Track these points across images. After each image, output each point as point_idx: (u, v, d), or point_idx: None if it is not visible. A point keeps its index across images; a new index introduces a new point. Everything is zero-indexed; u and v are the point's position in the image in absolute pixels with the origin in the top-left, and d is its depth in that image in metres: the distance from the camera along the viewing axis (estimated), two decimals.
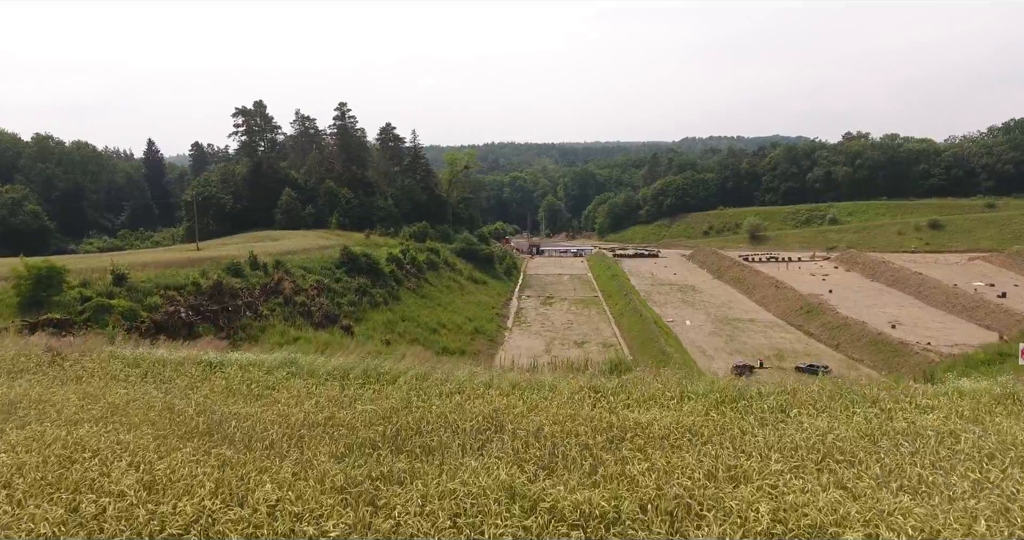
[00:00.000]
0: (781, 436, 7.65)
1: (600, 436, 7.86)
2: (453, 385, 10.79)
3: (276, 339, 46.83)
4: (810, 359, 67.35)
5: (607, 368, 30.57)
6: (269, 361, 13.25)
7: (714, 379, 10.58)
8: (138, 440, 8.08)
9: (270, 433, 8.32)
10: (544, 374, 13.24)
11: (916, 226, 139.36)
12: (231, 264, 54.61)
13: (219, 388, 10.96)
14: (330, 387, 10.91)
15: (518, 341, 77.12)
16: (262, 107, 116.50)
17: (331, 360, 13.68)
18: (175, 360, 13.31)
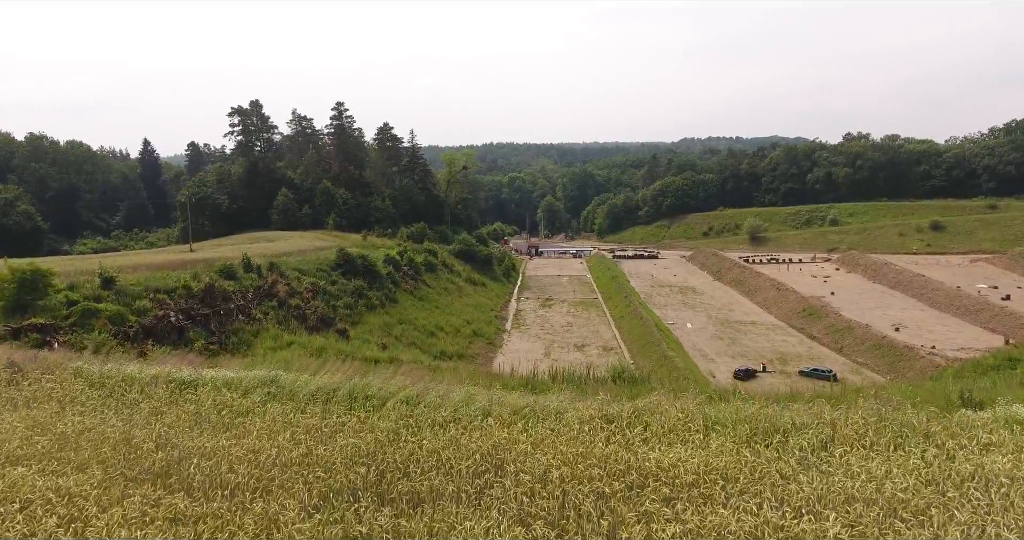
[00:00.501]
0: (830, 484, 6.54)
1: (617, 482, 6.76)
2: (447, 411, 9.68)
3: (269, 344, 45.74)
4: (814, 363, 66.32)
5: (610, 376, 29.44)
6: (248, 380, 12.12)
7: (740, 405, 9.47)
8: (81, 485, 6.96)
9: (236, 475, 7.20)
10: (549, 395, 12.13)
11: (917, 227, 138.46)
12: (224, 266, 53.39)
13: (187, 414, 9.84)
14: (311, 413, 9.79)
15: (517, 344, 76.01)
16: (258, 107, 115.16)
17: (315, 379, 12.56)
18: (145, 378, 12.19)
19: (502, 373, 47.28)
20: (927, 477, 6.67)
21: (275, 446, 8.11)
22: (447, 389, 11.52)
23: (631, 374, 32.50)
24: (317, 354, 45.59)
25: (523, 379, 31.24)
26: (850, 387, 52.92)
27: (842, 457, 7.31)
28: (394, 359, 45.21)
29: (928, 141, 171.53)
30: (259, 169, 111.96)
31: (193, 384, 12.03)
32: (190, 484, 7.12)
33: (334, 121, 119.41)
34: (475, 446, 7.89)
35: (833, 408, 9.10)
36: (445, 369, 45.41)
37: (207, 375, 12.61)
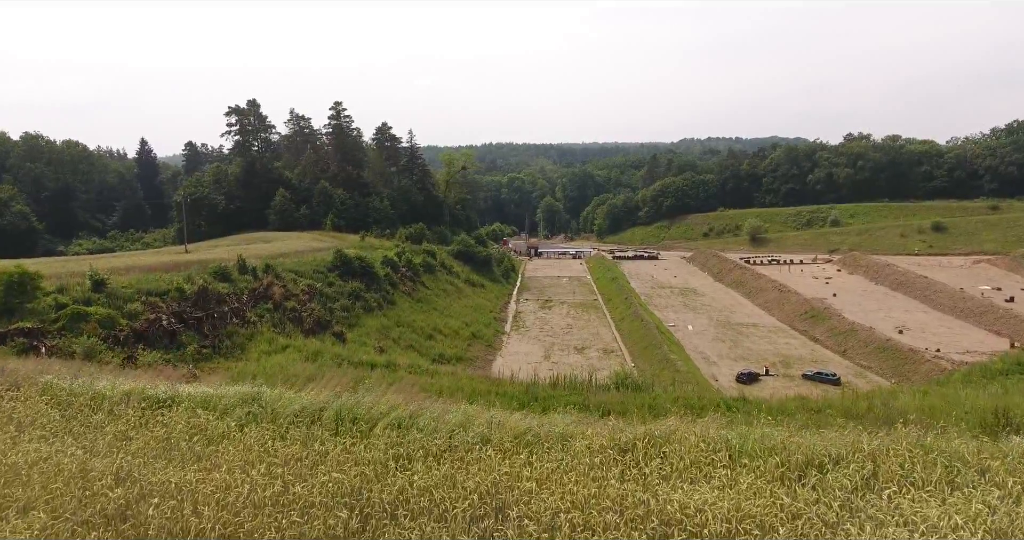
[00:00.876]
0: (883, 536, 5.64)
1: (637, 532, 5.86)
2: (442, 437, 8.76)
3: (264, 347, 44.89)
4: (817, 366, 65.44)
5: (613, 383, 28.55)
6: (227, 398, 11.19)
7: (767, 432, 8.54)
8: (20, 533, 6.06)
9: (200, 519, 6.31)
10: (553, 416, 11.23)
11: (919, 228, 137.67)
12: (218, 268, 52.45)
13: (156, 440, 8.93)
14: (292, 439, 8.88)
15: (516, 347, 75.13)
16: (256, 106, 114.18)
17: (301, 395, 11.65)
18: (116, 396, 11.26)
19: (502, 378, 46.37)
20: (997, 528, 5.76)
21: (248, 481, 7.19)
22: (442, 409, 10.59)
23: (634, 380, 31.67)
24: (312, 358, 44.77)
25: (523, 386, 30.43)
26: (857, 391, 51.84)
27: (891, 500, 6.39)
28: (391, 364, 44.37)
29: (929, 142, 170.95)
30: (256, 169, 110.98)
31: (168, 402, 11.09)
32: (146, 530, 6.20)
33: (332, 121, 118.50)
34: (473, 483, 6.98)
35: (871, 435, 8.18)
36: (443, 373, 44.63)
37: (184, 392, 11.67)
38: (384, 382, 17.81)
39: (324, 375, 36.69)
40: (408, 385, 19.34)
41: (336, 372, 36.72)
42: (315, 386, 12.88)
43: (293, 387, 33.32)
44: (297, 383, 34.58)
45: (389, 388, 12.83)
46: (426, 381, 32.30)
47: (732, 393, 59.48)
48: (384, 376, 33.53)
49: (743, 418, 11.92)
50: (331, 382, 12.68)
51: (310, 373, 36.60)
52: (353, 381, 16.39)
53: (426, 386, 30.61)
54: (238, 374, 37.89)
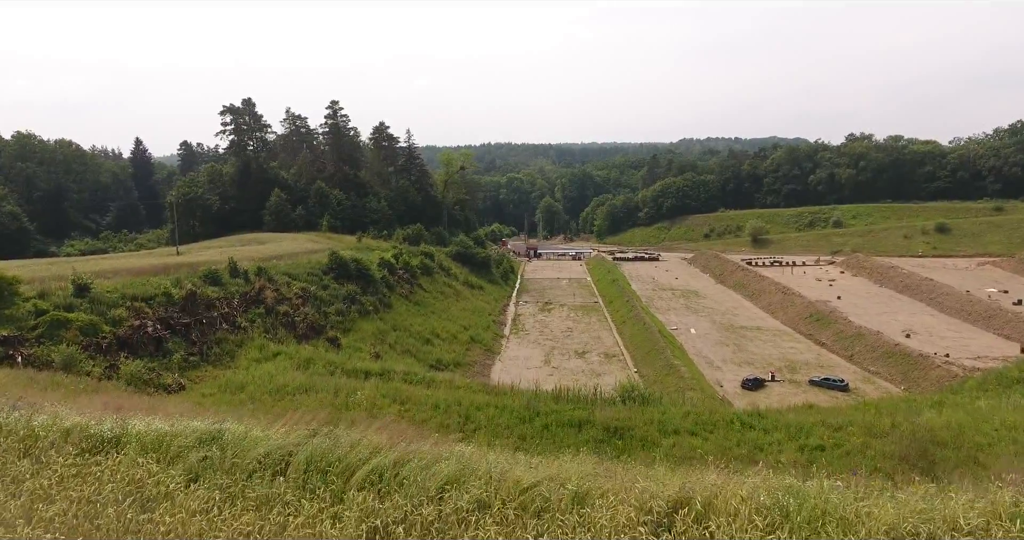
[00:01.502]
0: None
1: None
2: (430, 499, 7.14)
3: (254, 355, 43.28)
4: (824, 372, 63.93)
5: (619, 396, 26.93)
6: (183, 437, 9.50)
7: (819, 491, 6.88)
8: None
9: None
10: (565, 462, 9.60)
11: (923, 230, 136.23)
12: (208, 272, 50.78)
13: (81, 502, 7.31)
14: (247, 502, 7.27)
15: (516, 351, 73.56)
16: (251, 105, 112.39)
17: (270, 433, 9.98)
18: (54, 434, 9.60)
19: (501, 386, 44.75)
20: None
21: None
22: (432, 455, 8.95)
23: (641, 393, 30.10)
24: (305, 366, 43.15)
25: (525, 398, 28.83)
26: (873, 402, 50.40)
27: None
28: (386, 371, 42.74)
29: (932, 142, 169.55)
30: (251, 169, 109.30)
31: (112, 442, 9.42)
32: None
33: (329, 120, 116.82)
34: None
35: (944, 499, 6.56)
36: (440, 382, 42.99)
37: (133, 429, 9.98)
38: (368, 415, 16.20)
39: (315, 386, 35.20)
40: (395, 418, 17.71)
41: (328, 382, 35.16)
42: (292, 417, 11.20)
43: (280, 400, 31.59)
44: (286, 397, 32.96)
45: (373, 423, 11.14)
46: (421, 393, 30.70)
47: (738, 400, 58.07)
48: (378, 387, 32.01)
49: (774, 445, 10.29)
50: (302, 422, 11.00)
51: (300, 383, 35.06)
52: (333, 410, 14.74)
53: (422, 400, 29.04)
54: (226, 383, 36.34)
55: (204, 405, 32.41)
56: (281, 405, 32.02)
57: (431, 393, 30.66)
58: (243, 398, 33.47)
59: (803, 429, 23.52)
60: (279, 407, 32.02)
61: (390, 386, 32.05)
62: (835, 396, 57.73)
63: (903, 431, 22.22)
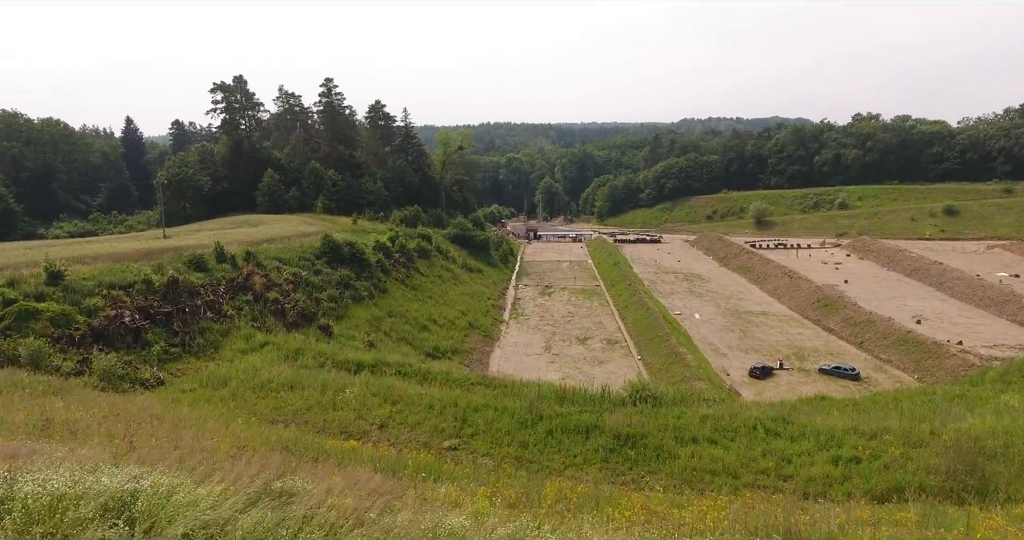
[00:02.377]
0: None
1: None
2: None
3: (240, 345, 41.02)
4: (833, 359, 61.89)
5: (628, 395, 24.60)
6: (86, 500, 7.20)
7: None
8: None
9: None
10: (580, 519, 7.35)
11: (930, 212, 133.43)
12: (193, 257, 48.36)
13: None
14: None
15: (516, 337, 71.47)
16: (242, 82, 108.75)
17: (198, 499, 7.66)
18: None
19: (501, 379, 42.58)
20: None
21: None
22: (411, 522, 6.61)
23: (652, 392, 27.89)
24: (293, 357, 40.88)
25: (527, 398, 26.58)
26: (880, 389, 48.25)
27: None
28: (379, 363, 40.57)
29: (940, 122, 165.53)
30: (243, 149, 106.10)
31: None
32: None
33: (323, 98, 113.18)
34: None
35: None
36: (435, 375, 40.77)
37: (22, 491, 7.60)
38: (334, 461, 13.85)
39: (301, 381, 32.95)
40: (366, 460, 15.37)
41: (316, 377, 32.93)
42: (237, 467, 8.90)
43: (264, 397, 29.17)
44: (270, 393, 30.57)
45: (339, 471, 8.76)
46: (415, 390, 28.49)
47: (745, 389, 56.13)
48: (368, 384, 29.78)
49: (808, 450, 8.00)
50: (252, 467, 8.68)
51: (287, 378, 32.81)
52: (288, 473, 12.43)
53: (414, 399, 26.84)
54: (208, 377, 34.09)
55: (181, 402, 30.29)
56: (264, 403, 29.89)
57: (425, 391, 28.44)
58: (224, 395, 31.27)
59: (834, 437, 21.32)
60: (262, 405, 29.89)
61: (382, 382, 29.82)
62: (846, 385, 55.77)
63: (946, 441, 19.98)
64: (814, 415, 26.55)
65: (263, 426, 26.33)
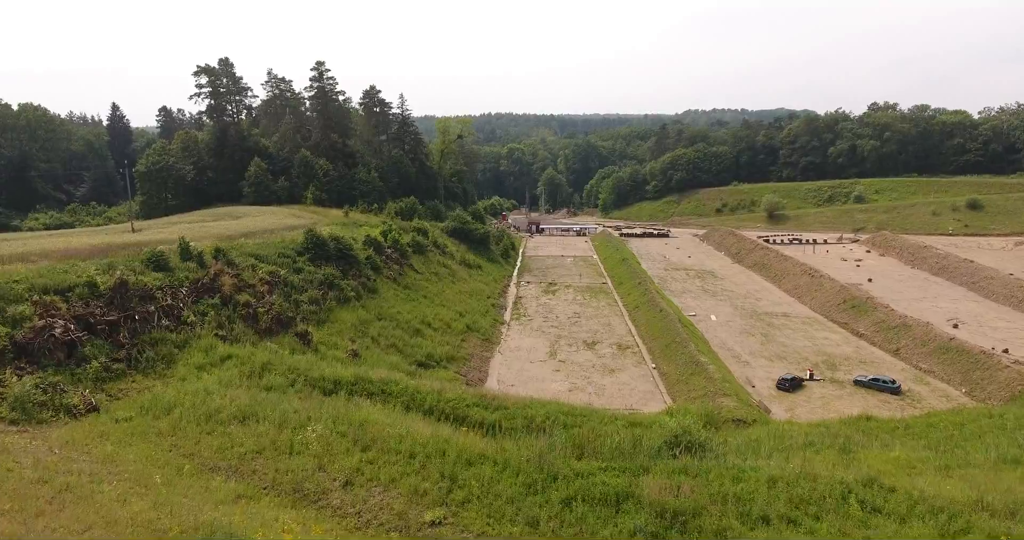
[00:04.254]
0: None
1: None
2: None
3: (198, 359, 35.16)
4: (867, 368, 56.16)
5: (664, 444, 18.53)
6: None
7: None
8: None
9: None
10: None
11: (953, 206, 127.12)
12: (152, 254, 42.52)
13: None
14: None
15: (517, 340, 65.75)
16: (228, 65, 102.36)
17: None
18: None
19: (500, 397, 36.77)
20: None
21: None
22: None
23: (696, 440, 21.90)
24: (259, 373, 35.01)
25: (535, 450, 20.75)
26: (929, 407, 42.13)
27: None
28: (360, 379, 34.80)
29: (962, 112, 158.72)
30: (229, 136, 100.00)
31: None
32: None
33: (314, 83, 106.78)
34: None
35: None
36: (425, 395, 34.96)
37: None
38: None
39: (256, 412, 27.05)
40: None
41: (276, 406, 27.09)
42: None
43: (210, 433, 22.91)
44: (218, 427, 24.46)
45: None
46: (394, 430, 22.71)
47: (775, 404, 50.40)
48: (336, 421, 23.97)
49: None
50: None
51: (240, 407, 26.83)
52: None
53: (392, 444, 21.07)
54: (150, 403, 28.12)
55: (109, 438, 24.52)
56: (209, 442, 24.00)
57: (406, 431, 22.66)
58: (164, 427, 25.41)
59: (957, 516, 15.53)
60: (205, 445, 24.04)
61: (354, 417, 24.08)
62: (887, 400, 50.07)
63: None
64: (910, 475, 20.72)
65: (199, 477, 20.62)
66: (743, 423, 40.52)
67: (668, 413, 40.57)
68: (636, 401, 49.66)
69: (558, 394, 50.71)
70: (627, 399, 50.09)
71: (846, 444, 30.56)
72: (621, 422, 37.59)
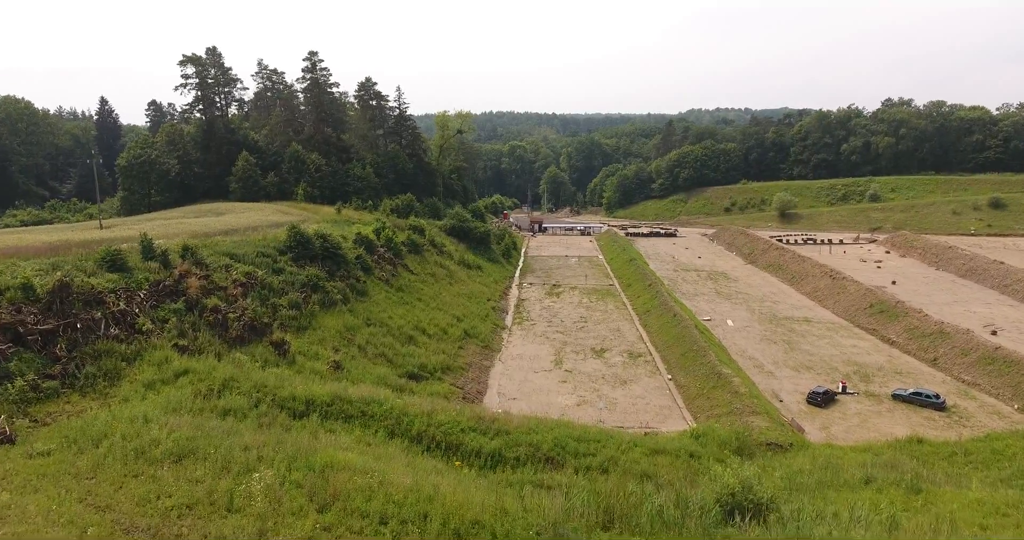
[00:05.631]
0: None
1: None
2: None
3: (149, 374, 30.18)
4: (904, 380, 51.03)
5: (716, 501, 13.44)
6: None
7: None
8: None
9: None
10: None
11: (974, 205, 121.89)
12: (108, 253, 37.58)
13: None
14: None
15: (519, 347, 60.70)
16: (217, 55, 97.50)
17: None
18: None
19: (502, 414, 31.74)
20: None
21: None
22: None
23: (761, 501, 16.87)
24: (218, 392, 29.90)
25: (550, 523, 15.54)
26: (984, 427, 36.78)
27: None
28: (337, 399, 29.94)
29: (980, 108, 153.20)
30: (216, 129, 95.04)
31: None
32: None
33: (307, 74, 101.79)
34: None
35: None
36: (413, 418, 29.95)
37: None
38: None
39: (198, 448, 21.91)
40: None
41: (222, 441, 21.97)
42: None
43: (137, 476, 17.71)
44: (148, 468, 19.36)
45: None
46: (361, 478, 17.70)
47: (807, 422, 45.28)
48: (292, 463, 18.97)
49: None
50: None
51: (179, 441, 21.34)
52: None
53: (358, 502, 15.98)
54: (79, 433, 22.75)
55: (13, 480, 19.54)
56: (132, 489, 18.87)
57: (380, 478, 17.61)
58: (84, 467, 20.29)
59: None
60: (126, 494, 18.90)
61: (315, 462, 19.09)
62: (930, 417, 44.93)
63: None
64: (1003, 525, 15.61)
65: None
66: (779, 447, 35.50)
67: (693, 435, 35.57)
68: (652, 417, 44.58)
69: (565, 409, 45.78)
70: (642, 415, 45.02)
71: (914, 481, 25.53)
72: (641, 449, 32.64)
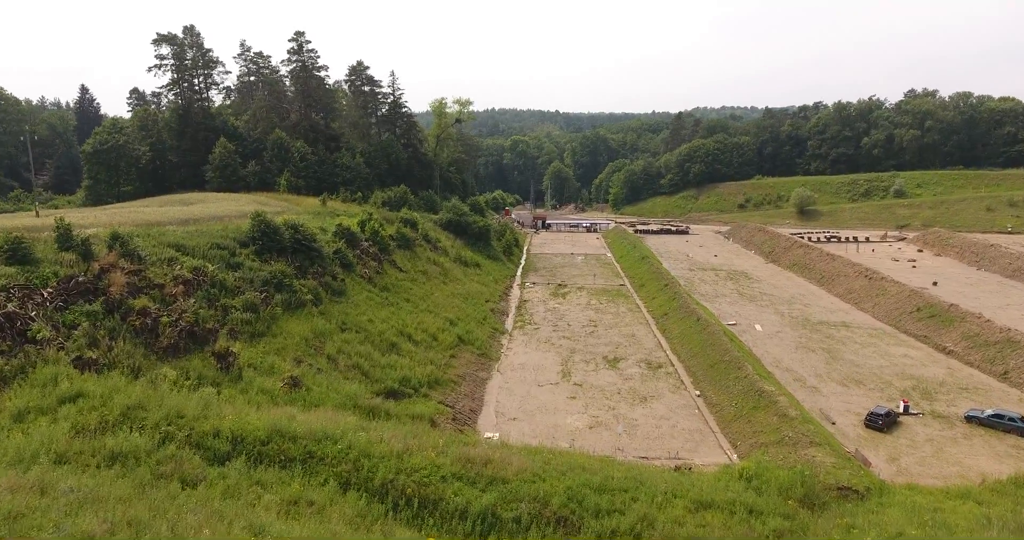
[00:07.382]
0: None
1: None
2: None
3: (26, 399, 22.66)
4: (973, 398, 43.24)
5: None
6: None
7: None
8: None
9: None
10: None
11: (1010, 201, 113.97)
12: (5, 242, 30.07)
13: None
14: None
15: (521, 356, 52.97)
16: (195, 35, 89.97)
17: None
18: None
19: (492, 459, 23.80)
20: None
21: None
22: None
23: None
24: (111, 426, 22.41)
25: None
26: None
27: None
28: (275, 435, 22.35)
29: (1012, 99, 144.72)
30: (192, 113, 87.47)
31: None
32: None
33: (293, 56, 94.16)
34: None
35: None
36: (376, 462, 22.26)
37: None
38: None
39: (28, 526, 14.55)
40: None
41: (70, 516, 14.64)
42: None
43: None
44: None
45: None
46: None
47: (869, 450, 37.51)
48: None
49: None
50: None
51: (5, 516, 14.49)
52: None
53: None
54: None
55: None
56: None
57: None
58: None
59: None
60: None
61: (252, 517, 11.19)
62: (1019, 445, 37.06)
63: None
64: None
65: None
66: (855, 494, 27.82)
67: (743, 477, 27.83)
68: (682, 445, 36.81)
69: (576, 434, 38.11)
70: (669, 442, 37.25)
71: None
72: (683, 501, 24.86)
